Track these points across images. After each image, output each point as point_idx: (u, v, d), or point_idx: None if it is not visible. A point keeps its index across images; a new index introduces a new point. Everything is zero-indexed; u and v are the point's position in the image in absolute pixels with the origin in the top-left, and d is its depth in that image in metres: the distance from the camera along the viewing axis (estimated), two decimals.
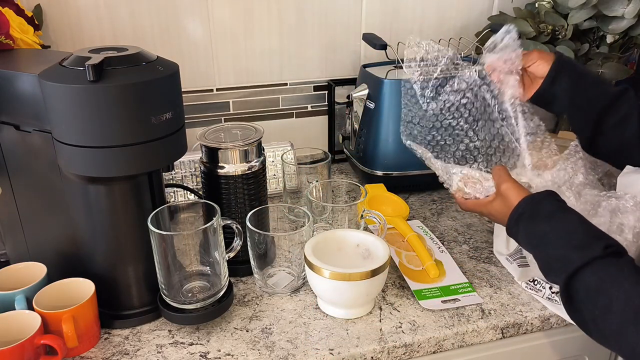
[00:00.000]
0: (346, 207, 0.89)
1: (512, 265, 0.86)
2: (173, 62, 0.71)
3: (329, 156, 1.04)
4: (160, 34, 1.10)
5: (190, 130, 0.96)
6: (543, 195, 0.71)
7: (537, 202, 0.70)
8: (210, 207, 0.75)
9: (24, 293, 0.71)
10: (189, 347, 0.72)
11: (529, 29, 1.13)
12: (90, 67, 0.61)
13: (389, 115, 1.06)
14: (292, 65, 1.21)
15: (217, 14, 1.12)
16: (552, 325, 0.80)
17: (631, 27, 1.06)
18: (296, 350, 0.71)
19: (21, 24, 0.86)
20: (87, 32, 1.06)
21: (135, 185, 0.72)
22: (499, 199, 0.75)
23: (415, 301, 0.80)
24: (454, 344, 0.76)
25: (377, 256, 0.78)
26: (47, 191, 0.73)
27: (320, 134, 1.30)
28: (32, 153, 0.71)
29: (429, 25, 1.27)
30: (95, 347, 0.73)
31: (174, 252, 0.73)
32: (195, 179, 1.05)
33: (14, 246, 0.80)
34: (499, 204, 0.75)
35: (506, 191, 0.74)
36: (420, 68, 0.90)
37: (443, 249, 0.92)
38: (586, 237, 0.64)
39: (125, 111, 0.64)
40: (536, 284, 0.82)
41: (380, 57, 1.14)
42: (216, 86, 1.18)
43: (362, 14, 1.21)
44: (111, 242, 0.73)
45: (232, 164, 0.82)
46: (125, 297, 0.76)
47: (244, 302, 0.81)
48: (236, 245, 0.79)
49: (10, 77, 0.68)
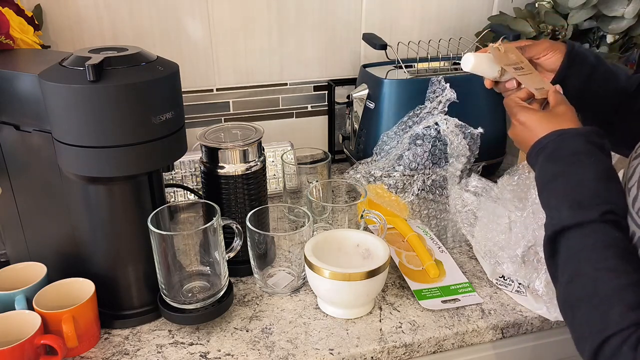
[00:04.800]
0: (346, 207, 0.89)
1: (486, 262, 0.87)
2: (173, 62, 0.71)
3: (329, 156, 1.04)
4: (160, 34, 1.10)
5: (190, 130, 0.96)
6: (574, 132, 0.64)
7: (563, 138, 0.64)
8: (210, 207, 0.75)
9: (24, 293, 0.71)
10: (189, 347, 0.72)
11: (529, 29, 1.13)
12: (90, 67, 0.61)
13: (389, 115, 1.06)
14: (292, 65, 1.21)
15: (217, 14, 1.12)
16: (552, 325, 0.80)
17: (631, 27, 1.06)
18: (296, 350, 0.71)
19: (21, 24, 0.86)
20: (87, 32, 1.06)
21: (135, 185, 0.72)
22: (549, 116, 0.68)
23: (415, 301, 0.80)
24: (454, 344, 0.76)
25: (377, 256, 0.78)
26: (47, 191, 0.73)
27: (320, 134, 1.30)
28: (32, 153, 0.71)
29: (429, 25, 1.27)
30: (95, 347, 0.73)
31: (174, 252, 0.73)
32: (195, 179, 1.05)
33: (14, 246, 0.80)
34: (547, 121, 0.67)
35: (557, 117, 0.67)
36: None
37: (443, 249, 0.92)
38: (591, 195, 0.59)
39: (125, 111, 0.63)
40: (505, 279, 0.84)
41: (380, 57, 1.14)
42: (216, 86, 1.18)
43: (362, 14, 1.21)
44: (111, 242, 0.73)
45: (232, 164, 0.82)
46: (125, 297, 0.76)
47: (244, 302, 0.81)
48: (236, 245, 0.79)
49: (10, 77, 0.68)
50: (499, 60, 0.75)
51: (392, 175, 0.99)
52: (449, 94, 0.97)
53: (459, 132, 0.95)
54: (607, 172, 0.61)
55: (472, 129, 0.96)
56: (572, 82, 0.76)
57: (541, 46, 0.78)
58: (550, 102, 0.71)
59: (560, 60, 0.76)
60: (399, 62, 1.10)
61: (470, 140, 0.95)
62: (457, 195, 0.91)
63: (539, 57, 0.78)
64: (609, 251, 0.56)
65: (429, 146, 0.97)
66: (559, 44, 0.78)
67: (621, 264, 0.55)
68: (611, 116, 0.80)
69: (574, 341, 0.57)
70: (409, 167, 0.98)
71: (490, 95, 0.82)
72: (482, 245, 0.86)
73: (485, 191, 0.89)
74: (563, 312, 0.59)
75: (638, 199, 0.58)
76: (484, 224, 0.86)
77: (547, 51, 0.77)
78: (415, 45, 1.16)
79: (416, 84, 1.05)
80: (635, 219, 0.57)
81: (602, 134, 0.65)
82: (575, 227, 0.58)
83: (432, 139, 0.97)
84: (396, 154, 0.99)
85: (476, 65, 0.76)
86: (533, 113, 0.70)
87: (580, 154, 0.62)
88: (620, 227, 0.58)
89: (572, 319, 0.57)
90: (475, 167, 0.99)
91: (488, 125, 0.98)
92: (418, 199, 0.98)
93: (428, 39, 1.22)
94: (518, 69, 0.75)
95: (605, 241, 0.57)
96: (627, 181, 0.61)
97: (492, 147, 1.12)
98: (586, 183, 0.60)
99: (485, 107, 1.09)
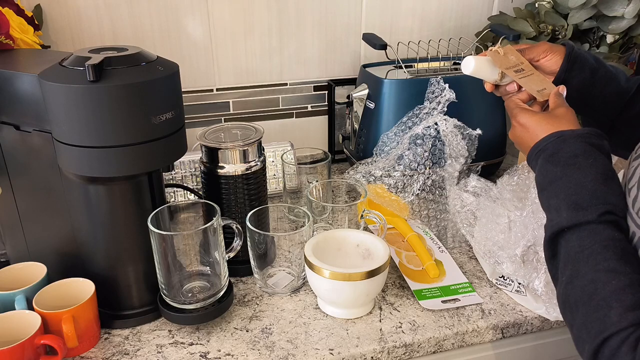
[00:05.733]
0: (346, 207, 0.89)
1: (486, 262, 0.88)
2: (173, 62, 0.71)
3: (329, 156, 1.04)
4: (160, 34, 1.10)
5: (190, 130, 0.97)
6: (573, 134, 0.64)
7: (562, 140, 0.64)
8: (210, 207, 0.75)
9: (24, 293, 0.71)
10: (189, 347, 0.72)
11: (529, 29, 1.13)
12: (90, 67, 0.61)
13: (389, 115, 1.06)
14: (292, 65, 1.21)
15: (217, 14, 1.12)
16: (552, 325, 0.80)
17: (631, 27, 1.06)
18: (296, 350, 0.71)
19: (21, 24, 0.86)
20: (87, 32, 1.06)
21: (135, 185, 0.72)
22: (548, 118, 0.68)
23: (415, 301, 0.80)
24: (454, 344, 0.76)
25: (377, 256, 0.78)
26: (47, 191, 0.73)
27: (320, 134, 1.30)
28: (32, 153, 0.71)
29: (429, 25, 1.27)
30: (95, 347, 0.73)
31: (174, 252, 0.73)
32: (195, 179, 1.05)
33: (14, 246, 0.80)
34: (546, 123, 0.68)
35: (556, 119, 0.67)
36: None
37: (443, 248, 0.92)
38: (589, 196, 0.59)
39: (125, 111, 0.63)
40: (505, 279, 0.84)
41: (380, 57, 1.14)
42: (216, 86, 1.18)
43: (362, 14, 1.21)
44: (111, 242, 0.73)
45: (232, 164, 0.82)
46: (125, 297, 0.76)
47: (244, 302, 0.81)
48: (236, 245, 0.79)
49: (10, 77, 0.68)
50: (498, 63, 0.75)
51: (392, 175, 0.99)
52: (448, 94, 0.97)
53: (458, 133, 0.95)
54: (606, 173, 0.61)
55: (471, 130, 0.96)
56: (572, 84, 0.76)
57: (540, 48, 0.78)
58: (550, 105, 0.72)
59: (560, 62, 0.77)
60: (399, 62, 1.10)
61: (469, 141, 0.95)
62: (456, 195, 0.91)
63: (538, 59, 0.78)
64: (607, 252, 0.56)
65: (429, 146, 0.97)
66: (558, 46, 0.78)
67: (620, 264, 0.55)
68: (611, 118, 0.80)
69: (573, 342, 0.57)
70: (409, 167, 0.98)
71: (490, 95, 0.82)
72: (482, 245, 0.86)
73: (484, 191, 0.89)
74: (563, 313, 0.59)
75: (638, 200, 0.58)
76: (483, 223, 0.86)
77: (546, 53, 0.77)
78: (415, 46, 1.17)
79: (416, 84, 1.05)
80: (636, 220, 0.57)
81: (601, 135, 0.65)
82: (573, 228, 0.58)
83: (432, 138, 0.97)
84: (396, 154, 0.99)
85: (477, 68, 0.76)
86: (533, 115, 0.70)
87: (578, 156, 0.62)
88: (620, 228, 0.58)
89: (572, 319, 0.57)
90: (474, 167, 0.99)
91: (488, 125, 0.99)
92: (418, 199, 0.98)
93: (428, 39, 1.23)
94: (518, 71, 0.75)
95: (604, 242, 0.56)
96: (627, 182, 0.61)
97: (492, 147, 1.12)
98: (584, 184, 0.60)
99: (486, 107, 1.09)
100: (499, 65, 0.75)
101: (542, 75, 0.77)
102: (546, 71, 0.78)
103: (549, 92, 0.74)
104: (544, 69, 0.78)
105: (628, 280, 0.53)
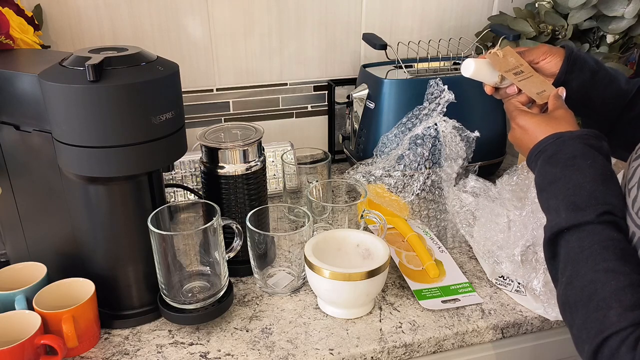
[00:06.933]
0: (346, 207, 0.89)
1: (486, 262, 0.88)
2: (173, 62, 0.71)
3: (329, 156, 1.04)
4: (160, 34, 1.10)
5: (190, 130, 0.97)
6: (572, 135, 0.64)
7: (561, 141, 0.65)
8: (210, 207, 0.75)
9: (24, 293, 0.71)
10: (189, 347, 0.72)
11: (529, 29, 1.13)
12: (90, 67, 0.61)
13: (389, 115, 1.06)
14: (292, 65, 1.21)
15: (217, 14, 1.12)
16: (552, 325, 0.80)
17: (631, 27, 1.06)
18: (296, 350, 0.71)
19: (21, 24, 0.86)
20: (87, 32, 1.06)
21: (135, 185, 0.72)
22: (547, 120, 0.69)
23: (415, 301, 0.80)
24: (454, 344, 0.76)
25: (377, 256, 0.78)
26: (47, 191, 0.73)
27: (320, 134, 1.30)
28: (32, 153, 0.71)
29: (429, 25, 1.27)
30: (95, 347, 0.73)
31: (174, 252, 0.73)
32: (195, 179, 1.05)
33: (14, 246, 0.80)
34: (545, 125, 0.68)
35: (555, 120, 0.67)
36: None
37: (443, 249, 0.92)
38: (588, 196, 0.59)
39: (125, 111, 0.63)
40: (505, 279, 0.84)
41: (380, 57, 1.14)
42: (216, 86, 1.18)
43: (362, 14, 1.21)
44: (111, 242, 0.73)
45: (232, 164, 0.82)
46: (125, 297, 0.76)
47: (244, 302, 0.81)
48: (236, 245, 0.79)
49: (10, 77, 0.68)
50: (498, 66, 0.75)
51: (392, 175, 0.99)
52: (448, 95, 0.97)
53: (456, 134, 0.95)
54: (605, 173, 0.61)
55: (469, 132, 0.96)
56: (572, 86, 0.76)
57: (540, 50, 0.78)
58: (549, 106, 0.72)
59: (559, 64, 0.77)
60: (399, 62, 1.10)
61: (466, 143, 0.95)
62: (455, 196, 0.91)
63: (537, 61, 0.78)
64: (607, 252, 0.56)
65: (429, 146, 0.97)
66: (557, 48, 0.78)
67: (619, 264, 0.55)
68: (611, 120, 0.80)
69: (573, 342, 0.57)
70: (409, 167, 0.98)
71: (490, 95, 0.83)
72: (481, 245, 0.86)
73: (483, 191, 0.90)
74: (563, 314, 0.59)
75: (638, 200, 0.58)
76: (483, 223, 0.86)
77: (546, 55, 0.77)
78: (415, 46, 1.17)
79: (416, 84, 1.05)
80: (635, 220, 0.57)
81: (600, 136, 0.65)
82: (573, 228, 0.59)
83: (432, 138, 0.97)
84: (396, 154, 0.99)
85: (476, 71, 0.76)
86: (532, 117, 0.70)
87: (577, 157, 0.62)
88: (619, 228, 0.58)
89: (572, 320, 0.57)
90: (471, 167, 0.99)
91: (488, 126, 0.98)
92: (418, 199, 0.98)
93: (428, 39, 1.23)
94: (518, 73, 0.75)
95: (603, 242, 0.57)
96: (627, 182, 0.61)
97: (492, 147, 1.12)
98: (583, 185, 0.60)
99: (486, 108, 1.09)
100: (498, 68, 0.75)
101: (541, 77, 0.77)
102: (546, 73, 0.78)
103: (548, 94, 0.74)
104: (544, 71, 0.78)
105: (627, 281, 0.53)
